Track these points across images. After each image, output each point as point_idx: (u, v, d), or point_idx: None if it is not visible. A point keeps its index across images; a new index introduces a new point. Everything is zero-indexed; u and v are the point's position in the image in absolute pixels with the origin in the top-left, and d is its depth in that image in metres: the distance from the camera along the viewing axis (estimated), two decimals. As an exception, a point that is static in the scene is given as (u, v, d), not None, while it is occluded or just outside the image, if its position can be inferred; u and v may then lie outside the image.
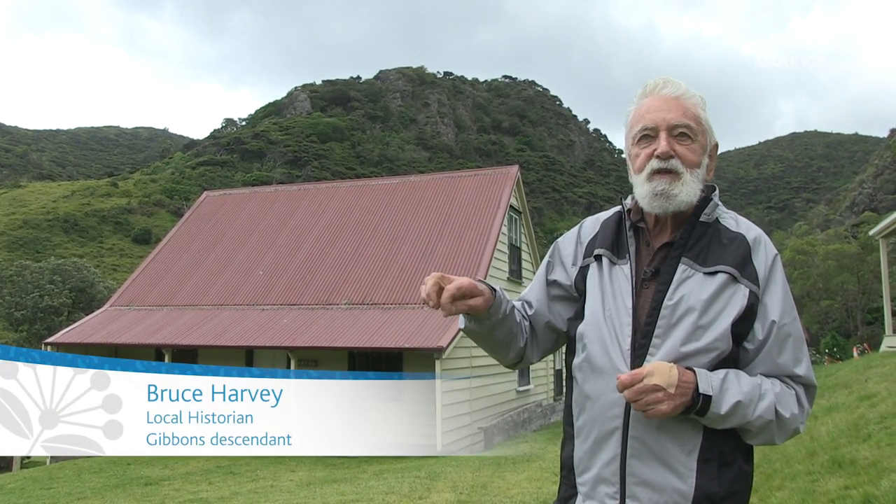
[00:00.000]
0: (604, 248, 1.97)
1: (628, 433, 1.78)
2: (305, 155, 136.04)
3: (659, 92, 1.94)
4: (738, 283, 1.80)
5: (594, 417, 1.86)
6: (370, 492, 9.44)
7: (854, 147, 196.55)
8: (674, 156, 1.87)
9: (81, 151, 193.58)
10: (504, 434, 17.35)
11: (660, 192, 1.85)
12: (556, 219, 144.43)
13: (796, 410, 1.81)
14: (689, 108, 1.90)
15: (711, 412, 1.71)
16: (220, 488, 11.48)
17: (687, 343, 1.77)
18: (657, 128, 1.89)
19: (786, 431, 1.81)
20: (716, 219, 1.90)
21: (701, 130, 1.91)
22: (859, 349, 30.51)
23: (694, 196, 1.86)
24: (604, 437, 1.83)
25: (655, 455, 1.76)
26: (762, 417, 1.75)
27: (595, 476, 1.84)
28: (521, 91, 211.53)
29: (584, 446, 1.88)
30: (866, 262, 49.26)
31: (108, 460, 15.99)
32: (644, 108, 1.93)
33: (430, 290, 1.86)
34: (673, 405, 1.68)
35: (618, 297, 1.88)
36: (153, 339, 17.75)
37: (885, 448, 5.93)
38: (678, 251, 1.85)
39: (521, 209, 21.75)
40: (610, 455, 1.81)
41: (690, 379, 1.71)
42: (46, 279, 34.16)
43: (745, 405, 1.73)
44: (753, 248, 1.85)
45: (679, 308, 1.79)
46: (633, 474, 1.77)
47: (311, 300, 18.33)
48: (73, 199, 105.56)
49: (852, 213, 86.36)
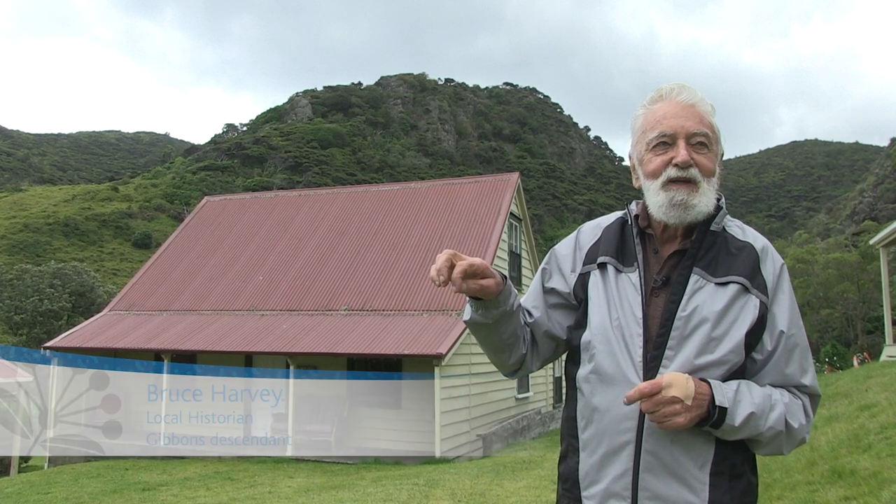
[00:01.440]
0: (609, 256, 1.92)
1: (641, 447, 1.75)
2: (306, 161, 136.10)
3: (675, 97, 1.89)
4: (749, 294, 1.78)
5: (603, 430, 1.81)
6: (368, 499, 9.41)
7: (855, 156, 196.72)
8: (693, 165, 1.82)
9: (82, 156, 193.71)
10: (503, 441, 17.31)
11: (679, 202, 1.81)
12: (556, 226, 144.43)
13: (804, 421, 1.80)
14: (705, 116, 1.87)
15: (726, 424, 1.69)
16: (218, 494, 11.45)
17: (701, 355, 1.75)
18: (675, 135, 1.84)
19: (794, 442, 1.80)
20: (722, 227, 1.88)
21: (715, 139, 1.87)
22: (859, 358, 30.44)
23: (711, 206, 1.83)
24: (614, 451, 1.78)
25: (668, 469, 1.73)
26: (773, 428, 1.73)
27: (604, 490, 1.79)
28: (522, 98, 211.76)
29: (591, 459, 1.84)
30: (867, 272, 49.18)
31: (106, 465, 15.96)
32: (660, 114, 1.88)
33: (441, 266, 1.85)
34: (690, 417, 1.66)
35: (626, 306, 1.83)
36: (152, 343, 17.73)
37: (886, 459, 5.91)
38: (690, 260, 1.82)
39: (522, 216, 21.75)
40: (621, 469, 1.77)
41: (706, 391, 1.69)
42: (46, 283, 34.13)
43: (757, 416, 1.72)
44: (762, 257, 1.83)
45: (693, 319, 1.76)
46: (646, 489, 1.73)
47: (310, 306, 18.31)
48: (73, 204, 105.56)
49: (853, 222, 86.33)
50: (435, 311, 16.79)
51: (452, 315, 16.44)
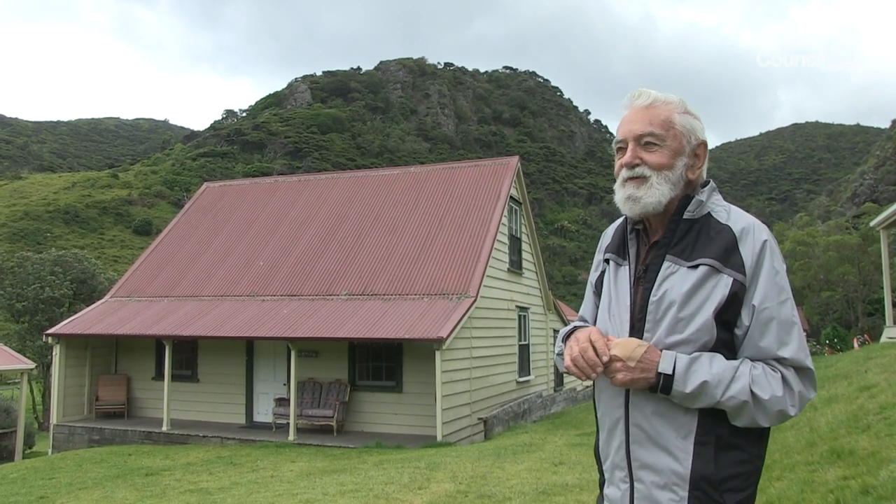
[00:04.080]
0: (611, 252, 2.16)
1: (629, 421, 1.95)
2: (306, 146, 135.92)
3: (633, 103, 2.10)
4: (720, 274, 1.90)
5: (605, 409, 2.07)
6: (370, 482, 9.46)
7: (855, 138, 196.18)
8: (640, 163, 2.02)
9: (82, 143, 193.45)
10: (504, 424, 17.37)
11: (628, 196, 2.03)
12: (556, 210, 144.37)
13: (779, 392, 1.86)
14: (658, 116, 2.03)
15: (675, 390, 1.84)
16: (220, 478, 11.51)
17: (670, 335, 1.91)
18: (626, 139, 2.07)
19: (769, 413, 1.86)
20: (708, 213, 2.01)
21: (672, 134, 2.02)
22: (860, 340, 30.51)
23: (662, 196, 1.99)
24: (613, 426, 2.02)
25: (653, 440, 1.91)
26: (735, 398, 1.83)
27: (611, 462, 2.04)
28: (522, 82, 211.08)
29: (602, 436, 2.10)
30: (867, 254, 49.23)
31: (109, 451, 16.04)
32: (621, 121, 2.11)
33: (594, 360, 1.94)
34: (630, 377, 1.87)
35: (620, 297, 2.06)
36: (153, 330, 17.76)
37: (885, 438, 5.93)
38: (663, 249, 2.00)
39: (522, 200, 21.72)
40: (618, 442, 2.00)
41: (654, 358, 1.87)
42: (47, 270, 34.11)
43: (712, 385, 1.83)
44: (740, 237, 1.94)
45: (663, 303, 1.93)
46: (637, 458, 1.94)
47: (311, 291, 18.32)
48: (73, 191, 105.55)
49: (853, 205, 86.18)
50: (436, 295, 16.80)
51: (453, 299, 16.45)
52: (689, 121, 2.05)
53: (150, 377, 19.72)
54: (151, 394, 19.51)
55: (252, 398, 18.51)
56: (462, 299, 16.33)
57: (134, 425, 18.16)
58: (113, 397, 19.45)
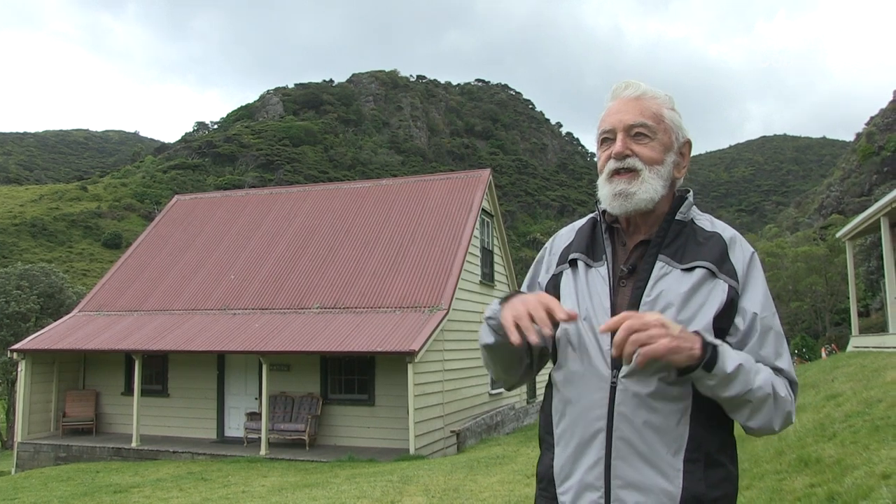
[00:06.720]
0: (579, 253, 1.95)
1: (612, 434, 1.74)
2: (278, 158, 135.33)
3: (620, 94, 1.95)
4: (716, 279, 1.79)
5: (575, 421, 1.82)
6: (342, 496, 9.40)
7: (822, 150, 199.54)
8: (630, 154, 1.87)
9: (50, 155, 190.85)
10: (477, 437, 17.37)
11: (619, 191, 1.86)
12: (528, 222, 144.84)
13: (784, 394, 1.77)
14: (648, 108, 1.91)
15: (718, 367, 1.66)
16: (191, 494, 11.37)
17: None
18: (615, 129, 1.91)
19: (782, 413, 1.76)
20: (691, 219, 1.91)
21: (662, 128, 1.90)
22: (827, 350, 30.93)
23: (654, 193, 1.86)
24: (587, 441, 1.78)
25: (641, 455, 1.71)
26: (762, 388, 1.71)
27: (579, 482, 1.79)
28: (494, 95, 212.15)
29: (565, 453, 1.84)
30: (834, 264, 49.87)
31: (76, 468, 15.78)
32: (606, 112, 1.96)
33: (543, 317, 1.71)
34: (676, 344, 1.61)
35: (595, 298, 1.85)
36: (123, 344, 17.55)
37: (850, 446, 6.03)
38: (655, 248, 1.85)
39: (494, 212, 21.80)
40: (594, 458, 1.76)
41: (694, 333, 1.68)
42: (13, 284, 33.52)
43: (747, 370, 1.69)
44: (730, 245, 1.85)
45: (658, 303, 1.77)
46: (619, 476, 1.72)
47: (282, 304, 18.23)
48: (41, 204, 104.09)
49: (820, 216, 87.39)
50: (408, 308, 16.79)
51: (425, 312, 16.45)
52: (676, 118, 1.95)
53: (119, 392, 19.45)
54: (121, 409, 19.24)
55: (223, 413, 18.33)
56: (434, 312, 16.33)
57: (102, 441, 17.90)
58: (81, 413, 19.15)
